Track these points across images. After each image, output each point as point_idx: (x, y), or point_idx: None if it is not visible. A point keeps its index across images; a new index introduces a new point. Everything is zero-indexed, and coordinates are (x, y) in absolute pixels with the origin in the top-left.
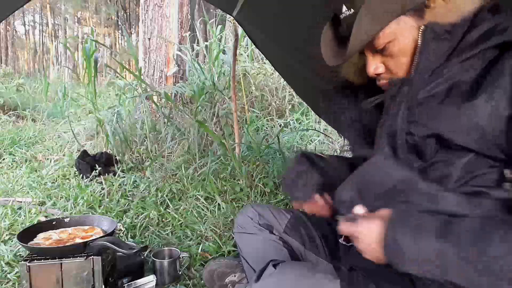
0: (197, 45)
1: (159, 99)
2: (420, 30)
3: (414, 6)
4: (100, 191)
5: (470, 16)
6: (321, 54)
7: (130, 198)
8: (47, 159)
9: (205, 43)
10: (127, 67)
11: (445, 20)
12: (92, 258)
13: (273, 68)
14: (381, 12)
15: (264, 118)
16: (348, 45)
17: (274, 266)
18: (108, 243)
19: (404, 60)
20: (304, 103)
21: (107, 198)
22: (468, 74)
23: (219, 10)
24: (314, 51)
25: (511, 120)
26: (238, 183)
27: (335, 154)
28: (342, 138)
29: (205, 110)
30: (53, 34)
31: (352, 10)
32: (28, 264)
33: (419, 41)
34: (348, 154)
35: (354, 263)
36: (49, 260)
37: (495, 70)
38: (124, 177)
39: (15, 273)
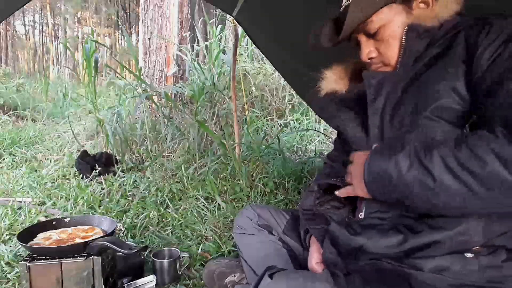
0: (197, 45)
1: (159, 99)
2: (404, 30)
3: None
4: (100, 191)
5: (445, 19)
6: (320, 53)
7: (130, 198)
8: (47, 159)
9: (205, 43)
10: (127, 67)
11: (426, 23)
12: (92, 258)
13: (273, 68)
14: None
15: (264, 118)
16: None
17: (270, 276)
18: (108, 243)
19: (394, 43)
20: (304, 103)
21: (107, 198)
22: (434, 51)
23: (219, 10)
24: (314, 49)
25: (467, 73)
26: (238, 183)
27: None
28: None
29: (205, 110)
30: (53, 34)
31: (350, 0)
32: (28, 264)
33: (403, 39)
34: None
35: (351, 262)
36: (49, 260)
37: (453, 44)
38: (124, 177)
39: (15, 273)
